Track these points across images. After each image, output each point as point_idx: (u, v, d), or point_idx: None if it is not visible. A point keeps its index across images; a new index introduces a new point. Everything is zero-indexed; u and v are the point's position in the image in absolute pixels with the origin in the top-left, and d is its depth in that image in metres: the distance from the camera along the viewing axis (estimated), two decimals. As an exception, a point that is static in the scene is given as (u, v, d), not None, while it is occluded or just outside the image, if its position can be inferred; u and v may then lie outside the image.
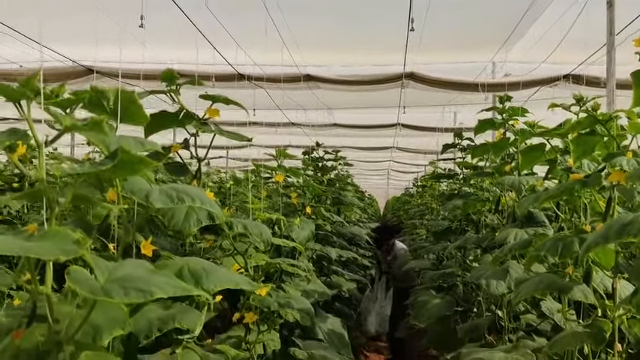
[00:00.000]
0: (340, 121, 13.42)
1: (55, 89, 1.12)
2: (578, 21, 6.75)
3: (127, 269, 0.85)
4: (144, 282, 0.80)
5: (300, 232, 2.69)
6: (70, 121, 0.85)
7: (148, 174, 1.17)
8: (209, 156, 1.69)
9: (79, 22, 7.27)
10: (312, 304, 2.66)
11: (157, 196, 1.06)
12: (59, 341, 0.78)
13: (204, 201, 1.11)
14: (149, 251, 1.10)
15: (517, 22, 7.52)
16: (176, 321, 1.32)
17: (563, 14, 6.76)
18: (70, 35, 7.67)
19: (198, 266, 1.13)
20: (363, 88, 8.78)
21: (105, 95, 1.09)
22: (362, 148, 17.55)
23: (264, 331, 1.96)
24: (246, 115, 11.76)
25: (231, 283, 1.12)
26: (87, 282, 0.77)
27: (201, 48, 7.82)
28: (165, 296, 0.76)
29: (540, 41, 7.89)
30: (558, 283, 1.51)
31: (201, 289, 1.08)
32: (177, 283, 0.82)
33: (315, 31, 8.17)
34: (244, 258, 1.97)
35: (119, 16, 6.52)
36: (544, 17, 7.25)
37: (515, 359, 1.60)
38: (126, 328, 0.96)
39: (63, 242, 0.74)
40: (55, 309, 0.82)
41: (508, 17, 7.62)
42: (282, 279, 2.62)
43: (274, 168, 2.67)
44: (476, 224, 3.25)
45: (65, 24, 7.32)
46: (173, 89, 1.51)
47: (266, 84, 9.27)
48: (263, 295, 1.87)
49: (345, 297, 4.35)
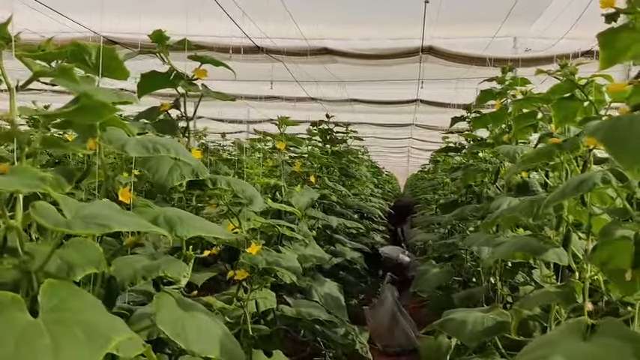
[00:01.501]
0: (358, 97, 13.36)
1: (41, 44, 1.18)
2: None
3: (94, 208, 0.91)
4: (107, 218, 0.86)
5: (300, 199, 2.75)
6: (39, 68, 0.91)
7: (130, 128, 1.23)
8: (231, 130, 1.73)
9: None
10: (311, 268, 2.74)
11: (132, 146, 1.12)
12: (29, 271, 0.85)
13: (179, 152, 1.17)
14: (126, 198, 1.16)
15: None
16: (160, 270, 1.39)
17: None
18: (91, 6, 7.75)
19: (174, 215, 1.19)
20: (380, 62, 8.73)
21: (87, 50, 1.14)
22: (381, 125, 17.47)
23: (255, 289, 2.03)
24: (265, 89, 11.80)
25: (203, 230, 1.19)
26: (52, 216, 0.83)
27: (219, 20, 7.85)
28: (123, 230, 0.82)
29: (562, 16, 7.73)
30: (531, 245, 1.54)
31: (175, 235, 1.14)
32: (138, 221, 0.88)
33: (333, 4, 8.12)
34: (238, 219, 2.03)
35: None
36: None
37: (490, 318, 1.64)
38: (100, 268, 1.02)
39: (28, 178, 0.80)
40: (27, 244, 0.89)
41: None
42: (282, 243, 2.69)
43: (275, 136, 2.72)
44: (478, 195, 3.27)
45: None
46: (163, 50, 1.57)
47: (284, 57, 9.26)
48: (254, 254, 1.94)
49: (353, 268, 4.42)
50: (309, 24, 8.19)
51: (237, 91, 12.93)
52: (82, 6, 7.58)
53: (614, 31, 1.16)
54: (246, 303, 2.04)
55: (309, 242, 2.67)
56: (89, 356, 0.71)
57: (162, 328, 1.10)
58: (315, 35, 8.63)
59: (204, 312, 1.28)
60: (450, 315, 1.73)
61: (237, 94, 13.10)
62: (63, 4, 7.66)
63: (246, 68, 9.71)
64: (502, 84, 2.51)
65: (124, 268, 1.36)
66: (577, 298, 1.42)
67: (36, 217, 0.80)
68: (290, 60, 9.61)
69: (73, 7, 7.72)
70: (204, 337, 1.16)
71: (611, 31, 1.16)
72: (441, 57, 8.95)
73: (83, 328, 0.76)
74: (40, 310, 0.78)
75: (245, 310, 2.02)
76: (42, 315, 0.77)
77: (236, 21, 8.03)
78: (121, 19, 8.28)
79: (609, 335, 0.98)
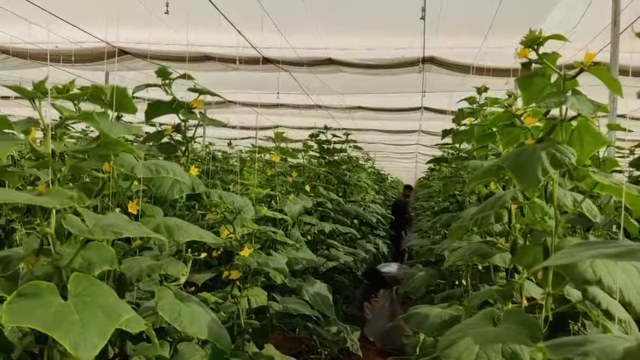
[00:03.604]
0: (364, 104, 13.60)
1: (66, 85, 1.47)
2: (591, 9, 6.81)
3: (109, 219, 1.19)
4: (119, 227, 1.14)
5: (293, 207, 3.03)
6: (68, 113, 1.19)
7: (138, 152, 1.51)
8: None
9: (111, 4, 7.68)
10: (302, 270, 3.01)
11: (140, 169, 1.40)
12: (59, 266, 1.13)
13: (177, 173, 1.45)
14: (134, 210, 1.44)
15: (536, 7, 7.61)
16: (162, 269, 1.67)
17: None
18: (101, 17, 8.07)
19: (172, 223, 1.47)
20: (382, 72, 9.00)
21: (103, 91, 1.42)
22: (388, 131, 17.70)
23: (247, 287, 2.31)
24: (272, 97, 12.09)
25: (196, 236, 1.46)
26: (78, 225, 1.11)
27: (226, 32, 8.16)
28: (129, 235, 1.09)
29: (560, 27, 7.94)
30: (482, 251, 1.80)
31: (173, 240, 1.42)
32: (142, 229, 1.15)
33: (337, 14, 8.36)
34: (233, 226, 2.31)
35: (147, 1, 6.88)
36: (564, 2, 7.32)
37: (447, 312, 1.91)
38: (113, 265, 1.30)
39: (60, 197, 1.08)
40: (58, 246, 1.17)
41: (528, 2, 7.71)
42: (276, 247, 2.96)
43: (269, 150, 3.00)
44: (460, 204, 3.53)
45: (97, 5, 7.67)
46: (166, 83, 1.85)
47: (289, 67, 9.55)
48: (246, 256, 2.21)
49: (347, 271, 4.69)
50: (314, 35, 8.45)
51: (246, 98, 13.25)
52: (96, 17, 7.91)
53: (530, 77, 1.42)
54: (239, 300, 2.31)
55: (300, 246, 2.94)
56: (106, 327, 0.99)
57: (162, 314, 1.38)
58: (320, 46, 8.90)
59: (198, 303, 1.56)
60: (415, 310, 1.99)
61: (246, 101, 13.42)
62: (77, 16, 7.99)
63: (253, 77, 10.03)
64: (474, 103, 2.77)
65: (132, 266, 1.64)
66: (514, 296, 1.68)
67: (67, 226, 1.07)
68: (295, 70, 9.89)
69: (86, 19, 8.03)
70: (196, 322, 1.43)
71: (527, 77, 1.42)
72: (440, 66, 9.19)
73: (101, 308, 1.04)
74: (68, 295, 1.06)
75: (238, 306, 2.29)
76: (70, 298, 1.05)
77: (243, 32, 8.33)
78: (132, 30, 8.60)
79: (513, 321, 1.25)
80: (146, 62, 9.31)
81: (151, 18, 6.70)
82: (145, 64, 9.44)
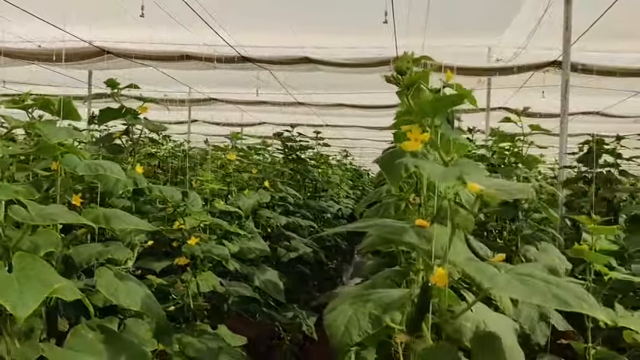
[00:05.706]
0: (345, 102, 13.83)
1: (22, 96, 1.73)
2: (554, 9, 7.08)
3: (50, 209, 1.46)
4: (57, 215, 1.41)
5: (247, 201, 3.31)
6: (15, 122, 1.46)
7: (83, 154, 1.78)
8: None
9: (94, 4, 7.90)
10: (254, 259, 3.29)
11: (81, 167, 1.67)
12: (8, 247, 1.40)
13: (114, 171, 1.72)
14: (78, 202, 1.71)
15: (506, 6, 7.88)
16: (109, 254, 1.94)
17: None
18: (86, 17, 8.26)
19: (111, 213, 1.74)
20: (354, 70, 9.27)
21: (52, 102, 1.68)
22: (371, 128, 17.94)
23: (195, 273, 2.58)
24: (251, 95, 12.32)
25: (133, 224, 1.73)
26: (21, 213, 1.38)
27: (204, 31, 8.40)
28: (64, 222, 1.36)
29: (530, 27, 8.25)
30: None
31: (110, 227, 1.69)
32: (76, 217, 1.42)
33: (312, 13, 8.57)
34: (183, 218, 2.58)
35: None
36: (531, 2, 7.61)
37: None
38: (58, 248, 1.57)
39: (7, 191, 1.34)
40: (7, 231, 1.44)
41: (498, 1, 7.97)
42: (231, 238, 3.23)
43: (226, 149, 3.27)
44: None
45: (82, 4, 7.84)
46: (115, 92, 2.11)
47: (267, 65, 9.80)
48: (192, 245, 2.48)
49: (310, 262, 4.97)
50: (292, 33, 8.68)
51: (227, 96, 13.47)
52: (78, 16, 8.10)
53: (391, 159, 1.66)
54: (188, 284, 2.58)
55: (253, 237, 3.22)
56: (40, 293, 1.26)
57: (100, 290, 1.65)
58: (297, 44, 9.15)
59: (136, 282, 1.83)
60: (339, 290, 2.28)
61: (226, 99, 13.65)
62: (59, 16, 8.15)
63: (234, 75, 10.28)
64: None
65: (82, 251, 1.91)
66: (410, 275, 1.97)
67: (12, 214, 1.34)
68: (275, 68, 10.14)
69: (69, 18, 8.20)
70: (131, 297, 1.70)
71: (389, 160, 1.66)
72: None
73: (39, 280, 1.31)
74: (12, 270, 1.33)
75: (187, 289, 2.56)
76: (14, 272, 1.32)
77: (220, 32, 8.56)
78: (113, 28, 8.81)
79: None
80: (129, 61, 9.53)
81: (127, 17, 6.88)
82: (128, 63, 9.64)
